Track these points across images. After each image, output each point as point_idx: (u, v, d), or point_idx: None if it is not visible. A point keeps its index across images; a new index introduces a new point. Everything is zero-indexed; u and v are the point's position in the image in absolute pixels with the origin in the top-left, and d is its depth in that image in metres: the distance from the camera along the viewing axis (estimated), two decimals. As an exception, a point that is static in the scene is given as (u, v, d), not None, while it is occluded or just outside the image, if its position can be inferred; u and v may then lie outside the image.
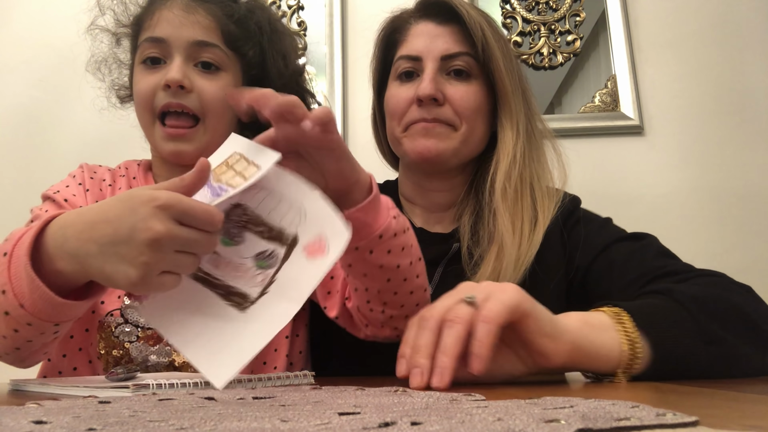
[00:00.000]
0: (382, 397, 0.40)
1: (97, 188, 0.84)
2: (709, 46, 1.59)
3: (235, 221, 0.56)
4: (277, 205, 0.57)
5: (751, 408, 0.36)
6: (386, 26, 0.97)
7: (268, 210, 0.56)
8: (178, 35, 0.80)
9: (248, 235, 0.56)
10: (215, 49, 0.82)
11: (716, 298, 0.65)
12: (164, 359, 0.75)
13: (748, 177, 1.52)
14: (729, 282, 0.72)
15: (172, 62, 0.80)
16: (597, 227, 0.87)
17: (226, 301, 0.54)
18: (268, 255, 0.55)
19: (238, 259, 0.55)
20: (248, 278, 0.54)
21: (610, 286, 0.78)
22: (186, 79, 0.79)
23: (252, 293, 0.54)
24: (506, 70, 0.87)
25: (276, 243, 0.55)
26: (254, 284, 0.54)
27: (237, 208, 0.56)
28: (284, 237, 0.56)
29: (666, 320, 0.60)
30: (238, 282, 0.54)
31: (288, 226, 0.56)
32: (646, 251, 0.80)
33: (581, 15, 1.64)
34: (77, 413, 0.33)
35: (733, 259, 1.40)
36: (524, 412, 0.30)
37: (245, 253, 0.55)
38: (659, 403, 0.31)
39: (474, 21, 0.86)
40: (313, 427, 0.27)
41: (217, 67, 0.82)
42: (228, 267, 0.55)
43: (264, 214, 0.56)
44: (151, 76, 0.81)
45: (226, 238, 0.56)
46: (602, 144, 1.56)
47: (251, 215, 0.56)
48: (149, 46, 0.81)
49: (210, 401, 0.40)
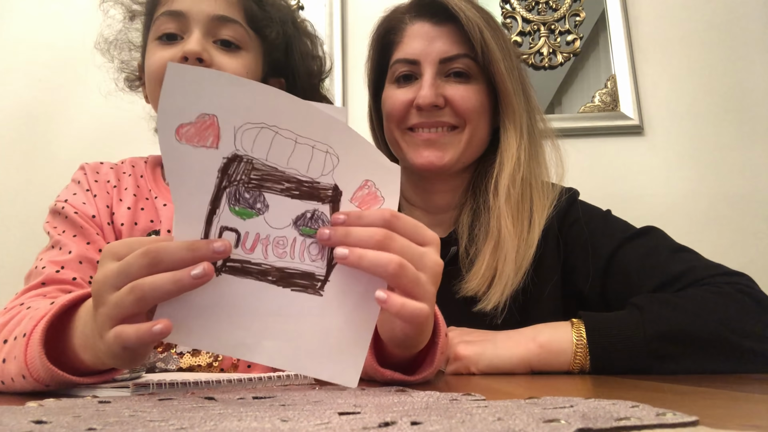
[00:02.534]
0: (382, 397, 0.40)
1: (103, 191, 0.81)
2: (709, 46, 1.59)
3: (242, 181, 0.42)
4: (295, 148, 0.43)
5: (751, 408, 0.36)
6: (380, 26, 0.95)
7: (284, 157, 0.42)
8: (198, 9, 0.76)
9: (270, 196, 0.43)
10: (236, 26, 0.77)
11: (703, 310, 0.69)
12: (172, 366, 0.75)
13: (748, 177, 1.52)
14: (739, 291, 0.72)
15: (191, 36, 0.75)
16: (598, 228, 0.86)
17: (293, 289, 0.43)
18: (311, 217, 0.43)
19: (274, 231, 0.43)
20: (299, 252, 0.43)
21: (629, 296, 0.77)
22: (205, 53, 0.74)
23: (317, 269, 0.44)
24: (507, 71, 0.86)
25: (313, 200, 0.43)
26: (313, 257, 0.44)
27: (235, 162, 0.42)
28: (321, 190, 0.44)
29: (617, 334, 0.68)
30: (290, 261, 0.43)
31: (320, 174, 0.43)
32: (658, 252, 0.79)
33: (581, 15, 1.64)
34: (77, 413, 0.33)
35: (732, 259, 1.39)
36: (524, 412, 0.30)
37: (277, 221, 0.43)
38: (659, 403, 0.31)
39: (471, 22, 0.84)
40: (313, 427, 0.27)
41: (237, 46, 0.78)
42: (264, 244, 0.43)
43: (281, 164, 0.42)
44: (166, 51, 0.76)
45: (242, 207, 0.42)
46: (602, 144, 1.56)
47: (263, 168, 0.42)
48: (166, 20, 0.76)
49: (210, 401, 0.40)
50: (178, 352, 0.75)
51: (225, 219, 0.42)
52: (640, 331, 0.67)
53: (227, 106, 0.41)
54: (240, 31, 0.78)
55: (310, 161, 0.43)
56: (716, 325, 0.67)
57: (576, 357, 0.68)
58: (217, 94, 0.41)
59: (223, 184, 0.42)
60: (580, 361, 0.68)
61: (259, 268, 0.43)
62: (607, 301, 0.81)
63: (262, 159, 0.42)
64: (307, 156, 0.43)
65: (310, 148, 0.43)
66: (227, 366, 0.76)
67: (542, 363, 0.69)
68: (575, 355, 0.68)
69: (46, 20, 1.67)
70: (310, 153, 0.43)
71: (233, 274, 0.42)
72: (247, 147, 0.42)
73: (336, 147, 0.43)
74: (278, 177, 0.43)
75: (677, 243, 0.81)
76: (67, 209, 0.77)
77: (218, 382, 0.53)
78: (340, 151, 0.43)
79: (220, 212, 0.42)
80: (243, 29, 0.78)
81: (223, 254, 0.41)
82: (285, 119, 0.42)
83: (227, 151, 0.41)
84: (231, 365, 0.76)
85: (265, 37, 0.81)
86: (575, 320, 0.71)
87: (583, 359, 0.68)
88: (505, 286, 0.80)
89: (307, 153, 0.43)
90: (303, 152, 0.43)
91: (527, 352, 0.69)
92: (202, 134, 0.41)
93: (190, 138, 0.41)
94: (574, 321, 0.71)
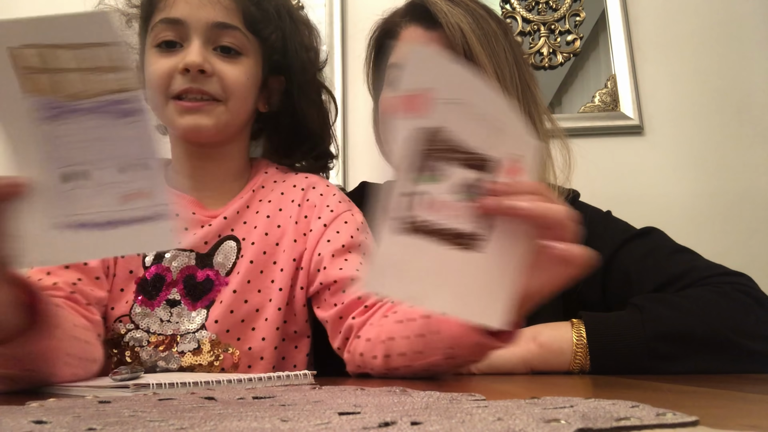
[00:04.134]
0: (382, 397, 0.40)
1: None
2: (709, 45, 1.59)
3: (434, 151, 0.47)
4: (476, 124, 0.47)
5: (751, 408, 0.36)
6: (377, 30, 0.95)
7: (467, 131, 0.47)
8: (196, 16, 0.74)
9: (450, 165, 0.48)
10: (236, 32, 0.77)
11: (704, 310, 0.69)
12: (173, 365, 0.75)
13: (748, 177, 1.52)
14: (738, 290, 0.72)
15: (190, 45, 0.74)
16: (598, 229, 0.85)
17: (458, 247, 0.48)
18: (475, 185, 0.48)
19: (449, 195, 0.48)
20: (466, 215, 0.48)
21: (630, 296, 0.76)
22: (207, 63, 0.73)
23: (479, 230, 0.48)
24: (496, 74, 0.84)
25: (481, 171, 0.48)
26: (475, 219, 0.48)
27: (438, 134, 0.47)
28: (487, 163, 0.48)
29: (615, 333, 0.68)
30: (459, 222, 0.48)
31: (488, 148, 0.48)
32: (658, 253, 0.79)
33: (581, 15, 1.64)
34: (77, 413, 0.33)
35: (732, 259, 1.39)
36: (524, 412, 0.30)
37: (452, 188, 0.48)
38: (659, 403, 0.31)
39: (453, 27, 0.83)
40: (313, 427, 0.27)
41: (237, 52, 0.77)
42: (441, 209, 0.47)
43: (463, 137, 0.47)
44: (166, 60, 0.75)
45: (426, 173, 0.47)
46: (602, 144, 1.56)
47: (452, 140, 0.47)
48: (164, 28, 0.75)
49: (210, 401, 0.40)
50: (179, 351, 0.75)
51: (409, 186, 0.47)
52: (640, 331, 0.67)
53: (442, 81, 0.46)
54: (239, 37, 0.77)
55: (484, 135, 0.48)
56: (717, 325, 0.67)
57: (576, 357, 0.68)
58: (432, 70, 0.46)
59: (426, 153, 0.47)
60: (580, 361, 0.68)
61: (435, 229, 0.48)
62: (607, 303, 0.81)
63: (452, 130, 0.47)
64: (482, 130, 0.48)
65: (486, 123, 0.48)
66: (228, 365, 0.76)
67: (542, 363, 0.69)
68: (575, 355, 0.68)
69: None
70: (485, 127, 0.48)
71: (416, 233, 0.47)
72: (444, 120, 0.47)
73: (503, 122, 0.48)
74: (459, 149, 0.48)
75: (677, 244, 0.82)
76: None
77: (218, 382, 0.53)
78: (505, 126, 0.48)
79: (411, 178, 0.47)
80: (242, 35, 0.78)
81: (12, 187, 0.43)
82: (471, 95, 0.47)
83: (432, 123, 0.46)
84: (231, 365, 0.76)
85: (265, 40, 0.81)
86: (575, 320, 0.71)
87: (583, 359, 0.68)
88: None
89: (484, 127, 0.48)
90: (481, 127, 0.48)
91: (527, 352, 0.69)
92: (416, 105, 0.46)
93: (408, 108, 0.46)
94: (574, 321, 0.71)
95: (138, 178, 0.46)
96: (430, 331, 0.59)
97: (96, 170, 0.46)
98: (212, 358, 0.75)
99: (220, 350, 0.76)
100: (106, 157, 0.46)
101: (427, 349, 0.59)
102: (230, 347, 0.76)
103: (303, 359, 0.82)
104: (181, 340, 0.75)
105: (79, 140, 0.45)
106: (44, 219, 0.45)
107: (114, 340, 0.76)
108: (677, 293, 0.73)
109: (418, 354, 0.60)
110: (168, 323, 0.76)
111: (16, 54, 0.44)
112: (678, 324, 0.67)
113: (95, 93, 0.45)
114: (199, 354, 0.75)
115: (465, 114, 0.47)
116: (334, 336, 0.76)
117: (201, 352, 0.75)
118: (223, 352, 0.76)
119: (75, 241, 0.46)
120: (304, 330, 0.82)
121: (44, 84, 0.44)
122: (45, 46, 0.44)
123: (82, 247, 0.46)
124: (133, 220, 0.46)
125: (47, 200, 0.45)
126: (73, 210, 0.46)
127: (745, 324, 0.68)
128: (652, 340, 0.66)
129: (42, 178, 0.45)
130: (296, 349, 0.82)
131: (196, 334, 0.76)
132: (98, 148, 0.46)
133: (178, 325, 0.76)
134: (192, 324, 0.76)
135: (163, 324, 0.76)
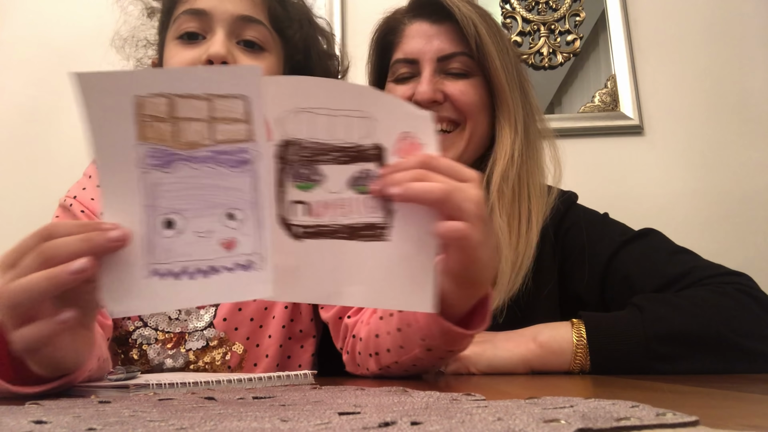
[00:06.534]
0: (382, 397, 0.40)
1: None
2: (709, 45, 1.59)
3: (296, 161, 0.47)
4: (333, 122, 0.48)
5: (751, 408, 0.36)
6: (380, 28, 0.96)
7: (325, 132, 0.48)
8: (222, 8, 0.74)
9: (323, 167, 0.48)
10: (260, 27, 0.76)
11: (704, 310, 0.69)
12: (180, 363, 0.75)
13: (748, 177, 1.52)
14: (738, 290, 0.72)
15: (214, 37, 0.73)
16: (596, 231, 0.85)
17: (360, 241, 0.48)
18: (363, 176, 0.48)
19: (332, 196, 0.48)
20: (359, 208, 0.48)
21: (629, 299, 0.76)
22: (230, 55, 0.72)
23: (377, 219, 0.48)
24: (502, 68, 0.86)
25: (361, 162, 0.48)
26: (372, 210, 0.48)
27: (290, 147, 0.47)
28: (365, 151, 0.48)
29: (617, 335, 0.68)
30: (354, 217, 0.48)
31: (361, 137, 0.48)
32: (657, 255, 0.79)
33: (581, 15, 1.64)
34: (77, 413, 0.33)
35: (732, 259, 1.39)
36: (524, 412, 0.30)
37: (335, 187, 0.48)
38: (659, 403, 0.31)
39: (466, 18, 0.85)
40: (313, 427, 0.27)
41: (260, 47, 0.76)
42: (329, 208, 0.48)
43: (324, 138, 0.48)
44: (189, 51, 0.74)
45: (301, 182, 0.47)
46: (602, 144, 1.56)
47: (311, 146, 0.47)
48: (188, 19, 0.74)
49: (210, 401, 0.40)
50: (187, 348, 0.75)
51: (292, 195, 0.47)
52: (640, 331, 0.67)
53: (268, 103, 0.45)
54: (264, 32, 0.76)
55: (349, 129, 0.48)
56: (717, 325, 0.67)
57: (576, 357, 0.68)
58: (270, 94, 0.45)
59: (282, 167, 0.47)
60: (580, 361, 0.68)
61: (330, 229, 0.48)
62: (606, 305, 0.81)
63: (307, 138, 0.47)
64: (345, 125, 0.48)
65: (346, 118, 0.48)
66: (234, 363, 0.76)
67: (542, 363, 0.69)
68: (575, 355, 0.68)
69: (46, 20, 1.67)
70: (347, 122, 0.48)
71: (312, 237, 0.48)
72: (291, 132, 0.47)
73: (369, 110, 0.48)
74: (326, 149, 0.48)
75: (676, 245, 0.81)
76: (74, 207, 0.76)
77: (218, 382, 0.53)
78: (373, 113, 0.48)
79: (286, 190, 0.47)
80: (267, 30, 0.77)
81: (119, 241, 0.42)
82: (316, 99, 0.47)
83: (277, 139, 0.47)
84: (238, 363, 0.76)
85: (288, 39, 0.80)
86: (575, 320, 0.71)
87: (583, 359, 0.68)
88: (504, 286, 0.80)
89: (345, 122, 0.48)
90: (341, 123, 0.48)
91: (527, 352, 0.69)
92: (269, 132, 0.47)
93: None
94: (574, 321, 0.71)
95: (243, 225, 0.45)
96: (405, 324, 0.60)
97: (199, 217, 0.45)
98: (219, 356, 0.75)
99: (228, 348, 0.76)
100: (214, 204, 0.45)
101: (407, 343, 0.60)
102: (237, 345, 0.76)
103: (308, 359, 0.82)
104: (189, 338, 0.76)
105: (187, 187, 0.44)
106: (143, 266, 0.44)
107: (121, 337, 0.76)
108: (677, 293, 0.73)
109: (401, 349, 0.61)
110: (176, 321, 0.76)
111: (141, 102, 0.43)
112: (678, 324, 0.67)
113: (216, 141, 0.44)
114: (206, 352, 0.75)
115: (321, 118, 0.47)
116: (336, 336, 0.76)
117: (209, 350, 0.75)
118: (230, 349, 0.76)
119: (173, 289, 0.44)
120: (310, 329, 0.82)
121: (164, 132, 0.44)
122: (179, 95, 0.43)
123: (181, 295, 0.45)
124: (232, 268, 0.45)
125: (146, 247, 0.44)
126: (172, 257, 0.44)
127: (745, 324, 0.68)
128: (652, 340, 0.66)
129: (143, 225, 0.44)
130: (302, 349, 0.82)
131: (205, 332, 0.76)
132: (207, 195, 0.45)
133: (187, 322, 0.76)
134: (200, 322, 0.76)
135: (171, 322, 0.76)
